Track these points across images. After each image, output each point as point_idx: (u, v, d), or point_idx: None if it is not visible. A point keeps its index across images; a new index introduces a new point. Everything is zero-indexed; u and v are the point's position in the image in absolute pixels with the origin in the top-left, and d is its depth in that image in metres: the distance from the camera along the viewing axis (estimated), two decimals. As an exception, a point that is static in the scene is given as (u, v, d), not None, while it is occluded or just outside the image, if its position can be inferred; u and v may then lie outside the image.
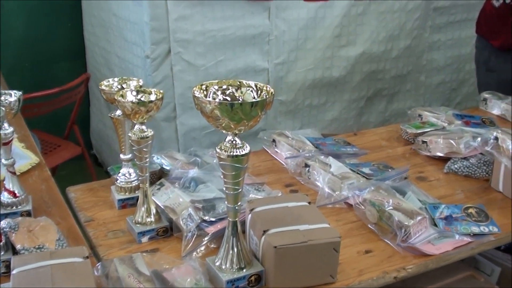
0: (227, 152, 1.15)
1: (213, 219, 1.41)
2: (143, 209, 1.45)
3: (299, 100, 3.14)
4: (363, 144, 2.03)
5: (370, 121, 3.47)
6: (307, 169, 1.73)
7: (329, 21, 3.05)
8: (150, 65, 2.73)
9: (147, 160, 1.41)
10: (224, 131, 1.15)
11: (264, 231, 1.26)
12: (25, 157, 1.90)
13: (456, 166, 1.81)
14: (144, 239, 1.44)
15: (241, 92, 1.18)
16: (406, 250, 1.39)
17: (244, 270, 1.24)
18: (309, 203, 1.39)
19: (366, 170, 1.73)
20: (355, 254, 1.40)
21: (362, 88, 3.33)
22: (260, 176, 1.77)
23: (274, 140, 1.94)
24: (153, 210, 1.45)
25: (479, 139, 1.75)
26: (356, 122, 3.40)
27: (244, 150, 1.16)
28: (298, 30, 2.99)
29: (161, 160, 1.72)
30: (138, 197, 1.50)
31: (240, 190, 1.20)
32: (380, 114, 3.49)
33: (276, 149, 1.92)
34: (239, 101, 1.14)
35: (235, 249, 1.24)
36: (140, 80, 1.54)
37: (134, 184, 1.60)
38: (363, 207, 1.53)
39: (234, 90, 1.19)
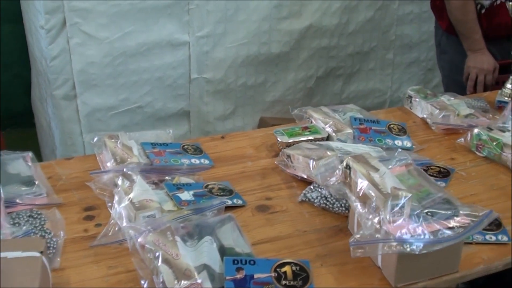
0: None
1: None
2: None
3: (231, 79, 2.75)
4: (224, 151, 1.65)
5: (324, 104, 3.00)
6: (116, 190, 1.39)
7: (265, -11, 2.62)
8: (46, 37, 2.40)
9: None
10: None
11: None
12: None
13: (313, 194, 1.41)
14: None
15: None
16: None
17: None
18: (41, 252, 1.06)
19: (186, 195, 1.36)
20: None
21: (310, 66, 2.90)
22: (65, 192, 1.43)
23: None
24: None
25: (332, 164, 1.34)
26: (305, 104, 2.96)
27: None
28: (226, -1, 2.58)
29: None
30: None
31: None
32: (336, 96, 3.06)
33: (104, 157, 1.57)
34: None
35: None
36: None
37: None
38: (140, 253, 1.18)
39: None
